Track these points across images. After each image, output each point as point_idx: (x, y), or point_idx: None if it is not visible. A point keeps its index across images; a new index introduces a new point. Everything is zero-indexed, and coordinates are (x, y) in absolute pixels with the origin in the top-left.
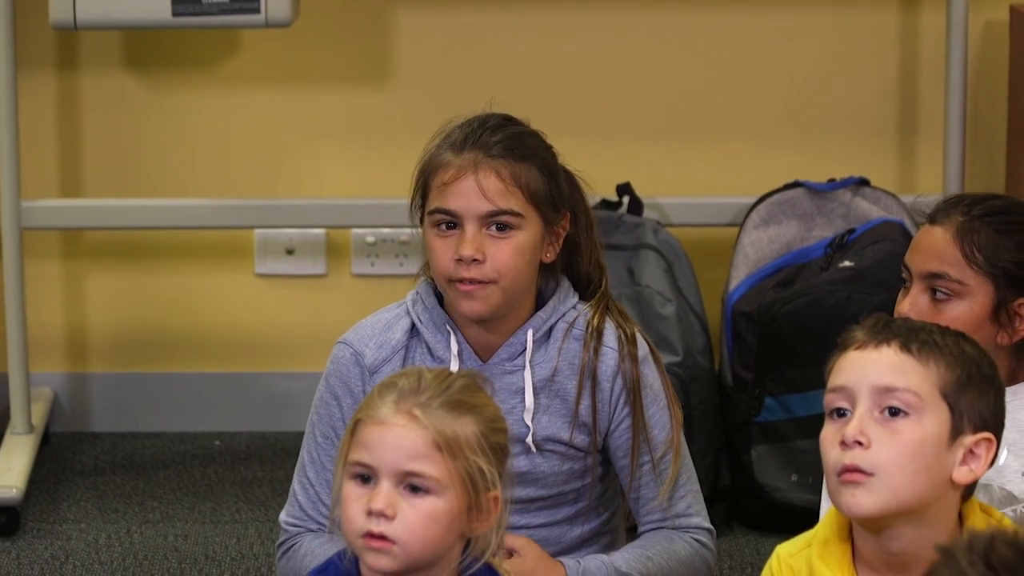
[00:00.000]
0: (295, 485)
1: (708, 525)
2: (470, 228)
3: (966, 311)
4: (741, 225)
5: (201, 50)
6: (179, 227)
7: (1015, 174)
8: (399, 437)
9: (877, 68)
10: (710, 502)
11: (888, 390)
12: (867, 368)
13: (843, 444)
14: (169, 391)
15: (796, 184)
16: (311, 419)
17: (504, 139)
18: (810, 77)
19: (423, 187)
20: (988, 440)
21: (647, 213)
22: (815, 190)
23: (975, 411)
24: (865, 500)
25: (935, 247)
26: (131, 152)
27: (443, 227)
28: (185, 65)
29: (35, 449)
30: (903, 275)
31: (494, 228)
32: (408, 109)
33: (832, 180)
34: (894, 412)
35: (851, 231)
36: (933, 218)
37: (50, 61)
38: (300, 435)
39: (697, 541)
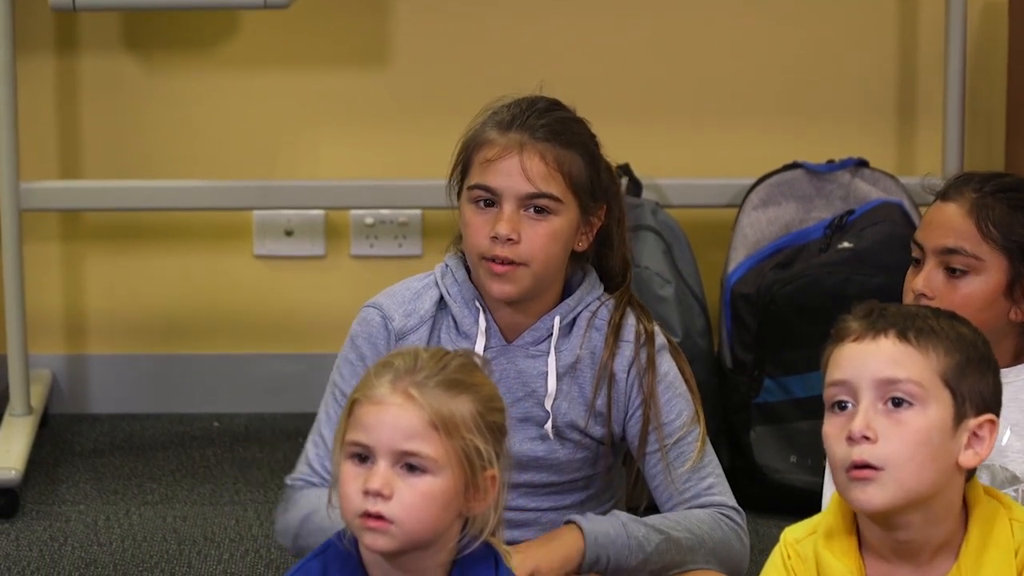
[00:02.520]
0: (308, 443)
1: (732, 503)
2: (508, 207)
3: (981, 287)
4: (740, 206)
5: (200, 32)
6: (178, 208)
7: (1014, 155)
8: (395, 417)
9: (876, 49)
10: None
11: (890, 382)
12: (867, 361)
13: (850, 439)
14: (168, 372)
15: (795, 165)
16: (332, 379)
17: (551, 123)
18: (809, 58)
19: (464, 162)
20: (991, 422)
21: (646, 194)
22: (814, 171)
23: (976, 393)
24: (876, 495)
25: (950, 223)
26: (130, 134)
27: (481, 203)
28: (184, 47)
29: (34, 431)
30: (914, 253)
31: (532, 210)
32: (407, 91)
33: (831, 161)
34: (897, 403)
35: (850, 212)
36: (944, 195)
37: (49, 43)
38: (299, 416)
39: (720, 514)
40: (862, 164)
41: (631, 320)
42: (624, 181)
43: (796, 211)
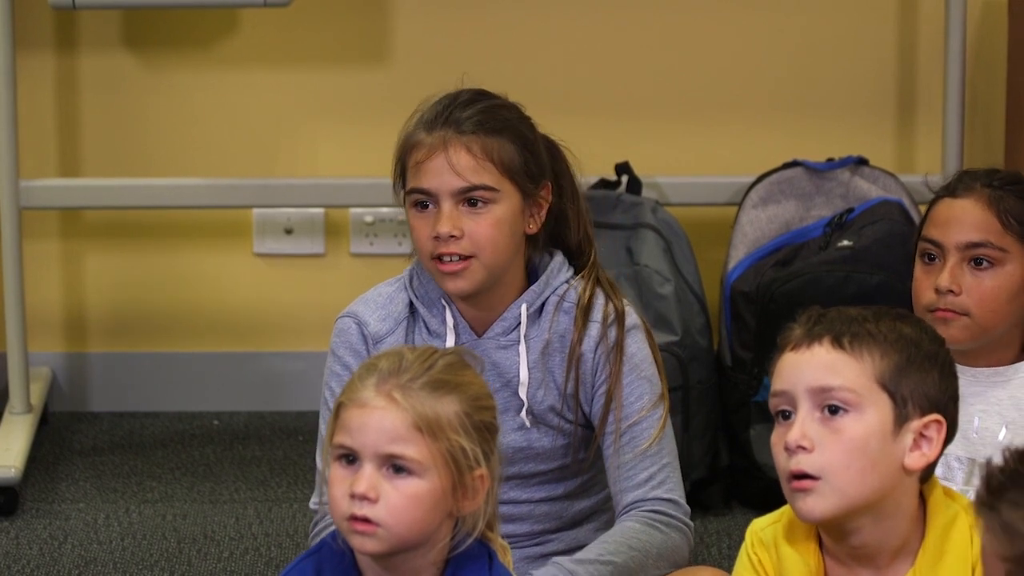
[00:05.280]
0: (319, 465)
1: (667, 495)
2: (446, 205)
3: (1008, 278)
4: (740, 204)
5: (200, 30)
6: (177, 207)
7: (1014, 152)
8: (380, 420)
9: (876, 46)
10: (708, 482)
11: (824, 390)
12: (802, 369)
13: (787, 449)
14: (168, 371)
15: (795, 163)
16: (324, 397)
17: (475, 114)
18: (809, 56)
19: (401, 166)
20: (937, 422)
21: (646, 192)
22: (814, 169)
23: (919, 394)
24: (817, 505)
25: (970, 217)
26: (130, 132)
27: (420, 207)
28: (184, 45)
29: (33, 429)
30: (925, 251)
31: (468, 203)
32: (406, 88)
33: (831, 159)
34: (834, 410)
35: (850, 210)
36: (953, 192)
37: (49, 41)
38: (298, 414)
39: (652, 511)
40: (862, 162)
41: (600, 300)
42: (624, 179)
43: (796, 209)
